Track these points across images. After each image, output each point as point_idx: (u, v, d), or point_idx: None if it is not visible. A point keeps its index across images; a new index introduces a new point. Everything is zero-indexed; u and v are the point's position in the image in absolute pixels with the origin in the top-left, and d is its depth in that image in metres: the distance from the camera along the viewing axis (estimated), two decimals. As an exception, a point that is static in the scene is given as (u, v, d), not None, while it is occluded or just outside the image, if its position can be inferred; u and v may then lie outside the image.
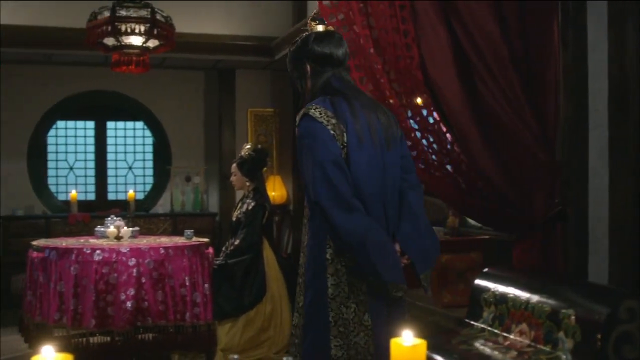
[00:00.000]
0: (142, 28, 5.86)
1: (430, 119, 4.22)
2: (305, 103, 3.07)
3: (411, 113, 4.20)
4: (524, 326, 1.73)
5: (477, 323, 1.95)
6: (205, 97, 9.85)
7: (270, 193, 8.99)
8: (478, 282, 1.99)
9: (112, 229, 5.97)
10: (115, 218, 6.23)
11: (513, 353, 1.70)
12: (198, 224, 9.00)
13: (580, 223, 3.95)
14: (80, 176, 9.58)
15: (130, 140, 9.86)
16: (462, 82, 4.05)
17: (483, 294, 1.95)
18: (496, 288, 1.92)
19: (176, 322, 5.39)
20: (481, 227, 6.12)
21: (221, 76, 9.64)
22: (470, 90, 4.06)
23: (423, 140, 4.20)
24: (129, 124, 9.83)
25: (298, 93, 3.23)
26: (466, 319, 1.98)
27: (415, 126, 4.19)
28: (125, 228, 6.01)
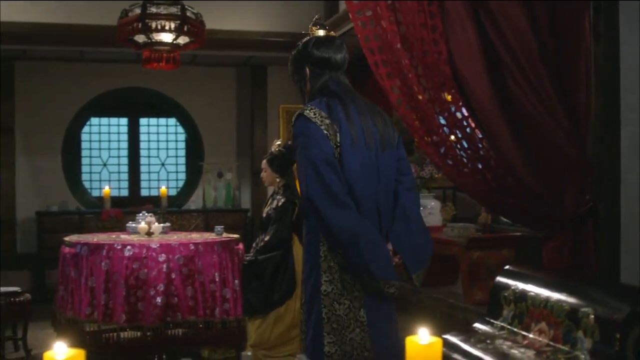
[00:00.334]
0: (173, 25, 5.88)
1: (458, 115, 4.17)
2: (304, 104, 3.19)
3: (439, 109, 4.15)
4: (543, 325, 1.70)
5: (497, 321, 1.92)
6: (237, 94, 9.88)
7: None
8: (499, 280, 1.96)
9: (143, 225, 6.02)
10: (146, 214, 6.28)
11: (531, 352, 1.67)
12: (230, 220, 9.03)
13: (612, 222, 3.88)
14: (113, 172, 9.67)
15: (162, 136, 9.93)
16: (491, 78, 3.99)
17: (503, 292, 1.92)
18: (516, 286, 1.89)
19: (206, 318, 5.42)
20: (514, 224, 6.05)
21: (253, 72, 9.66)
22: (499, 85, 4.00)
23: (451, 136, 4.16)
24: (162, 121, 9.90)
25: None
26: (486, 317, 1.96)
27: (443, 122, 4.15)
28: (156, 224, 6.05)
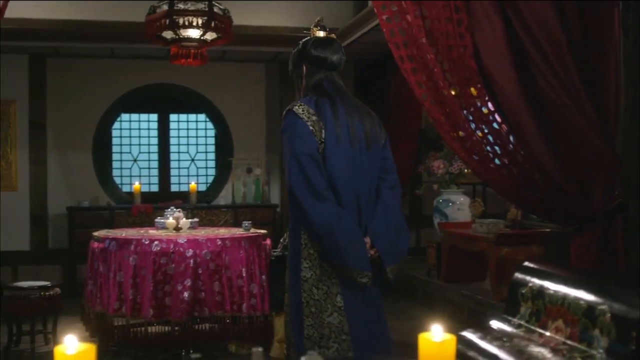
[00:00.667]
0: (200, 21, 5.89)
1: (484, 110, 4.14)
2: (299, 99, 3.35)
3: (465, 104, 4.12)
4: (560, 323, 1.67)
5: (515, 319, 1.89)
6: (266, 89, 9.88)
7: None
8: (517, 277, 1.94)
9: (171, 220, 6.05)
10: (174, 209, 6.30)
11: (547, 350, 1.64)
12: (259, 216, 9.05)
13: (641, 218, 3.83)
14: (144, 168, 9.73)
15: (192, 132, 9.96)
16: (518, 72, 3.96)
17: (521, 289, 1.89)
18: (534, 283, 1.86)
19: (233, 313, 5.43)
20: (543, 220, 6.00)
21: (282, 68, 9.65)
22: (526, 79, 3.96)
23: (477, 131, 4.13)
24: (192, 117, 9.93)
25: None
26: (504, 315, 1.93)
27: (469, 117, 4.11)
28: (184, 219, 6.08)
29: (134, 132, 9.72)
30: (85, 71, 9.14)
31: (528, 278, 1.90)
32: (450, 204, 7.95)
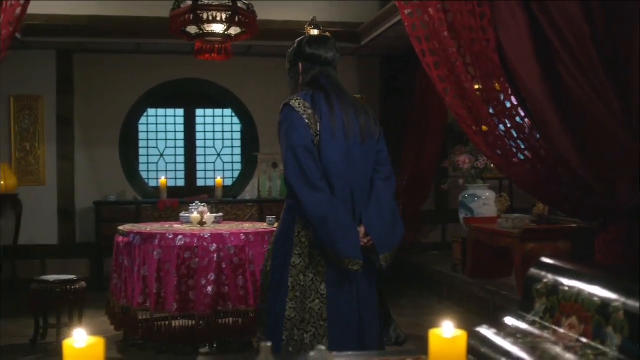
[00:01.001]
0: (224, 16, 5.90)
1: (507, 104, 4.09)
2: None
3: (488, 98, 4.08)
4: (574, 319, 1.65)
5: (529, 315, 1.87)
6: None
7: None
8: (532, 272, 1.91)
9: (196, 215, 6.08)
10: (199, 204, 6.32)
11: (560, 348, 1.62)
12: (284, 210, 9.04)
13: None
14: (170, 163, 9.78)
15: (218, 127, 9.99)
16: (542, 65, 3.91)
17: (535, 285, 1.87)
18: (549, 279, 1.83)
19: (256, 307, 5.43)
20: (567, 215, 5.93)
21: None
22: (550, 73, 3.91)
23: (500, 125, 4.08)
24: (218, 111, 9.96)
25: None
26: (519, 311, 1.91)
27: (492, 111, 4.08)
28: (208, 214, 6.10)
29: (161, 127, 9.77)
30: (112, 66, 9.20)
31: (543, 274, 1.88)
32: (476, 199, 7.91)
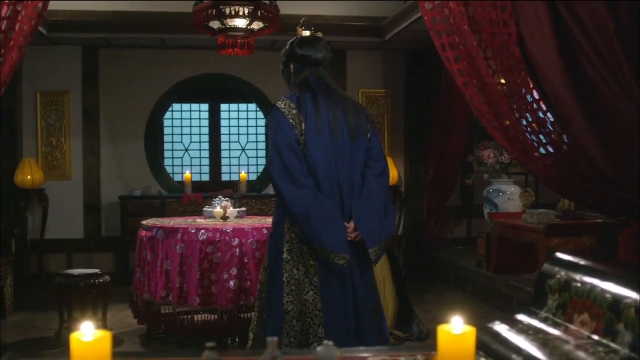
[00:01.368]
0: (246, 10, 5.89)
1: (528, 98, 4.05)
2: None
3: (508, 92, 4.04)
4: (586, 316, 1.62)
5: (541, 311, 1.85)
6: (316, 78, 9.84)
7: (380, 174, 8.96)
8: (545, 268, 1.89)
9: (219, 209, 6.09)
10: (222, 199, 6.33)
11: (571, 345, 1.60)
12: (308, 205, 9.03)
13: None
14: (195, 157, 9.81)
15: (243, 122, 10.00)
16: (564, 59, 3.86)
17: (549, 281, 1.84)
18: (562, 274, 1.81)
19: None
20: (590, 211, 5.86)
21: (332, 57, 9.60)
22: (572, 66, 3.86)
23: (521, 120, 4.04)
24: (242, 106, 9.96)
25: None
26: (532, 307, 1.89)
27: (513, 105, 4.03)
28: (231, 208, 6.11)
29: (185, 122, 9.80)
30: (136, 61, 9.23)
31: (556, 269, 1.85)
32: (500, 194, 7.85)
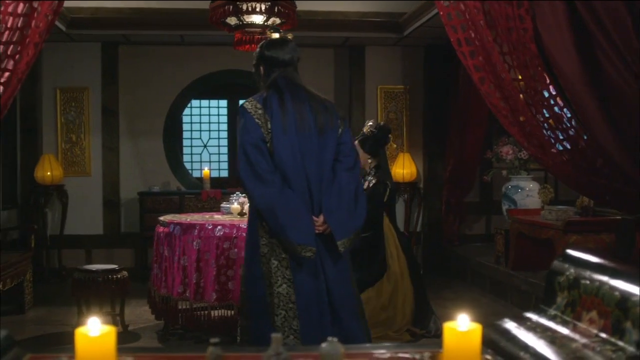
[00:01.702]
0: (263, 6, 5.89)
1: (545, 94, 4.02)
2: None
3: (524, 87, 4.01)
4: (594, 314, 1.61)
5: (551, 309, 1.84)
6: (335, 75, 9.84)
7: (399, 170, 8.93)
8: (555, 265, 1.87)
9: (236, 206, 6.10)
10: (240, 195, 6.34)
11: (579, 343, 1.58)
12: (327, 201, 9.01)
13: None
14: (213, 153, 9.84)
15: (261, 118, 10.00)
16: (581, 54, 3.83)
17: (558, 278, 1.83)
18: (571, 272, 1.79)
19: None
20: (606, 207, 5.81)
21: (351, 53, 9.60)
22: (589, 62, 3.83)
23: (538, 115, 4.01)
24: (261, 102, 9.97)
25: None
26: (541, 305, 1.88)
27: (529, 101, 4.00)
28: (248, 204, 6.11)
29: (204, 118, 9.83)
30: (155, 58, 9.27)
31: (566, 266, 1.83)
32: (519, 190, 7.81)
